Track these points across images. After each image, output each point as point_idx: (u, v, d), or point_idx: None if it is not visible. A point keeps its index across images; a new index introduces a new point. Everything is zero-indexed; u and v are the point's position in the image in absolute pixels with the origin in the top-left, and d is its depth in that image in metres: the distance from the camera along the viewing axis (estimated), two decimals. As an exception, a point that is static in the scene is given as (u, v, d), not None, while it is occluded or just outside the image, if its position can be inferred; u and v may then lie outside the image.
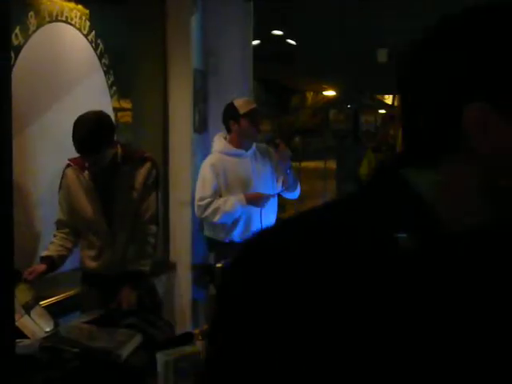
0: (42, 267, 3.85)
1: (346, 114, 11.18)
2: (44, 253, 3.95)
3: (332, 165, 9.78)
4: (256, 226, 4.94)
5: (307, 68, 13.93)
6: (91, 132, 3.73)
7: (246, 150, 5.03)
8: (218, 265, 3.91)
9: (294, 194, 5.29)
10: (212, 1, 5.94)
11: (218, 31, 5.95)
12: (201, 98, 5.83)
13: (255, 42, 6.58)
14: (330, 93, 17.65)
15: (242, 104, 5.01)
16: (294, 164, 6.50)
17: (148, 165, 4.04)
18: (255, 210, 4.93)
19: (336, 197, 9.84)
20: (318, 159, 9.58)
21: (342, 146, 10.90)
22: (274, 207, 5.14)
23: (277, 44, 12.02)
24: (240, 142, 5.01)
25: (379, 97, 15.72)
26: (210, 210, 4.89)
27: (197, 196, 4.97)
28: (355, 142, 11.03)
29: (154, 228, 4.05)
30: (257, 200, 4.91)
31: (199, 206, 4.93)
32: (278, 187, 5.14)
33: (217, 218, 4.89)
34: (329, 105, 16.02)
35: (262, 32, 8.80)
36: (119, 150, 3.94)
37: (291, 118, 13.89)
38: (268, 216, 5.06)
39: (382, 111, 16.15)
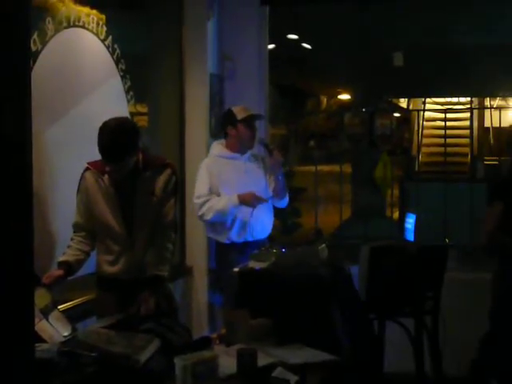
0: (60, 272, 3.85)
1: (361, 118, 11.14)
2: (61, 257, 3.95)
3: (347, 168, 9.75)
4: (251, 227, 5.08)
5: (322, 72, 13.91)
6: (116, 140, 3.73)
7: (242, 154, 5.19)
8: (235, 269, 3.91)
9: (282, 203, 5.37)
10: (228, 6, 5.96)
11: (233, 36, 5.96)
12: (217, 102, 5.85)
13: (270, 47, 6.58)
14: (344, 96, 17.62)
15: (239, 110, 5.18)
16: (309, 168, 6.50)
17: (168, 171, 4.04)
18: (249, 211, 5.03)
19: (352, 200, 9.81)
20: (333, 163, 9.55)
21: (358, 150, 10.87)
22: (269, 211, 5.24)
23: (292, 48, 12.01)
24: (236, 146, 5.18)
25: (394, 100, 15.67)
26: (204, 208, 5.03)
27: (195, 194, 5.11)
28: (370, 146, 10.99)
29: (172, 234, 4.05)
30: (249, 199, 5.02)
31: (196, 203, 5.08)
32: (270, 193, 5.22)
33: (210, 216, 5.03)
34: (344, 108, 15.99)
35: (277, 36, 8.80)
36: (140, 156, 3.94)
37: (306, 122, 13.87)
38: (263, 219, 5.16)
39: (397, 115, 16.11)
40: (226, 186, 5.07)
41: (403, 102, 16.21)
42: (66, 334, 3.30)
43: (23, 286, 1.82)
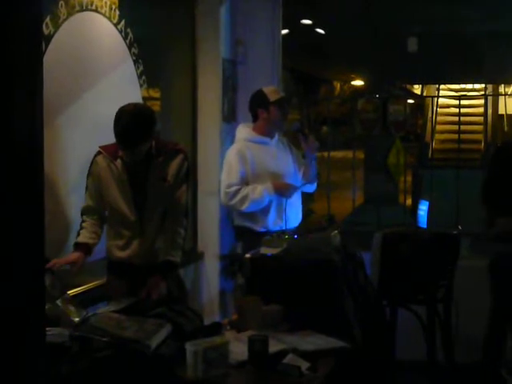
0: (80, 256, 3.84)
1: (374, 104, 11.09)
2: (78, 239, 3.93)
3: (360, 155, 9.72)
4: (286, 215, 4.92)
5: (335, 58, 13.86)
6: (134, 126, 3.74)
7: (271, 138, 5.05)
8: (247, 255, 3.90)
9: (311, 188, 5.27)
10: (241, -10, 5.92)
11: (246, 21, 5.93)
12: (229, 88, 5.82)
13: (284, 32, 6.54)
14: (358, 82, 17.56)
15: (271, 92, 5.03)
16: (322, 154, 6.48)
17: (180, 157, 4.03)
18: (282, 199, 4.91)
19: (364, 187, 9.79)
20: (346, 149, 9.54)
21: (371, 136, 10.83)
22: (299, 198, 5.14)
23: (305, 33, 11.96)
24: (267, 129, 5.02)
25: (408, 86, 15.61)
26: (238, 198, 4.88)
27: (223, 183, 4.96)
28: (383, 132, 10.94)
29: (184, 220, 4.05)
30: (284, 189, 4.92)
31: (227, 192, 4.92)
32: (300, 179, 5.13)
33: (244, 207, 4.89)
34: (357, 94, 15.94)
35: (290, 21, 8.76)
36: (153, 142, 3.93)
37: (319, 108, 13.84)
38: (296, 206, 5.06)
39: (411, 101, 16.04)
40: (259, 173, 4.92)
41: (417, 89, 16.15)
42: (77, 318, 3.31)
43: (35, 269, 1.82)
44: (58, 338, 2.96)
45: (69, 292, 3.70)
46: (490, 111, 13.94)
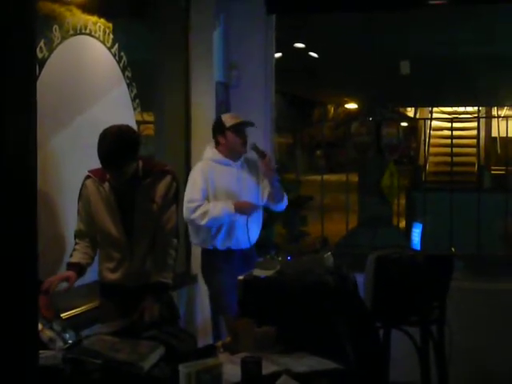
0: (72, 274, 3.84)
1: (367, 127, 11.12)
2: (71, 259, 3.95)
3: (354, 177, 9.74)
4: (239, 235, 5.06)
5: (329, 81, 13.91)
6: (115, 147, 3.75)
7: (235, 160, 5.14)
8: (239, 277, 3.90)
9: (279, 206, 5.32)
10: (234, 14, 5.97)
11: (239, 44, 5.98)
12: (223, 111, 5.85)
13: (277, 55, 6.59)
14: (351, 106, 17.64)
15: (228, 118, 5.14)
16: (315, 177, 6.49)
17: (168, 178, 4.04)
18: (240, 219, 5.01)
19: (358, 209, 9.81)
20: (340, 172, 9.56)
21: (364, 159, 10.85)
22: (258, 219, 5.23)
23: (299, 57, 12.01)
24: (228, 153, 5.12)
25: (401, 109, 15.68)
26: (198, 213, 4.95)
27: (186, 198, 5.01)
28: (377, 155, 10.96)
29: (174, 240, 4.06)
30: (245, 208, 5.01)
31: (188, 207, 4.98)
32: (264, 199, 5.21)
33: (204, 222, 4.96)
34: (350, 117, 15.99)
35: (283, 45, 8.80)
36: (140, 164, 3.95)
37: (313, 131, 13.88)
38: (252, 227, 5.13)
39: (404, 124, 16.10)
40: (219, 192, 5.04)
41: (410, 111, 16.21)
42: (70, 341, 3.30)
43: (28, 292, 1.82)
44: (51, 360, 2.96)
45: (62, 314, 3.70)
46: (482, 134, 14.00)
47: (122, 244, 3.98)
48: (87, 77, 4.46)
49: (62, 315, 3.67)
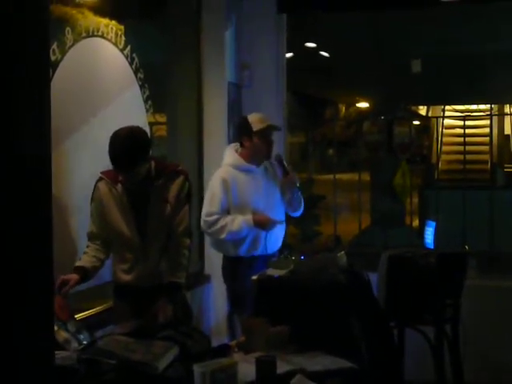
0: (75, 277, 3.85)
1: (379, 126, 11.10)
2: (77, 263, 3.97)
3: (366, 177, 9.73)
4: (262, 245, 4.88)
5: (340, 80, 13.90)
6: (126, 148, 3.76)
7: (257, 166, 4.95)
8: (254, 277, 3.91)
9: (297, 213, 5.19)
10: (245, 15, 5.98)
11: (251, 44, 5.98)
12: (235, 111, 5.86)
13: (288, 55, 6.59)
14: (363, 104, 17.59)
15: (255, 120, 4.91)
16: (327, 176, 6.49)
17: (181, 178, 4.05)
18: (260, 232, 4.86)
19: (371, 208, 9.81)
20: (351, 171, 9.54)
21: (376, 158, 10.84)
22: (281, 227, 5.06)
23: (310, 56, 12.01)
24: (252, 157, 4.93)
25: (413, 108, 15.63)
26: (216, 227, 4.81)
27: (204, 210, 4.89)
28: (389, 154, 10.95)
29: (187, 241, 4.06)
30: (264, 223, 4.83)
31: (206, 221, 4.85)
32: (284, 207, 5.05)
33: (223, 236, 4.82)
34: (362, 116, 15.97)
35: (295, 45, 8.81)
36: (153, 164, 3.96)
37: (325, 130, 13.86)
38: (273, 238, 4.98)
39: (416, 122, 16.05)
40: (239, 203, 4.84)
41: (422, 110, 16.16)
42: (85, 341, 3.32)
43: (43, 293, 1.83)
44: (66, 361, 2.97)
45: (77, 316, 3.72)
46: (495, 131, 13.93)
47: (135, 245, 4.00)
48: (100, 79, 4.48)
49: (76, 316, 3.69)
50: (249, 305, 4.54)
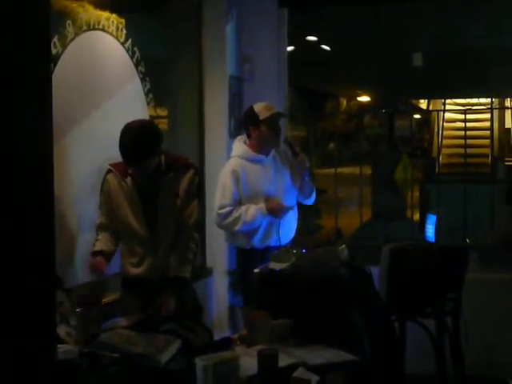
0: (101, 259, 3.85)
1: (380, 119, 11.10)
2: (95, 248, 3.95)
3: (367, 170, 9.74)
4: (275, 235, 4.86)
5: (341, 74, 13.89)
6: (137, 142, 3.75)
7: (266, 155, 4.94)
8: (256, 270, 3.91)
9: (309, 201, 5.15)
10: (246, 8, 5.97)
11: (252, 38, 5.97)
12: (236, 104, 5.86)
13: (289, 48, 6.58)
14: (364, 98, 17.58)
15: (261, 109, 4.90)
16: (328, 170, 6.48)
17: (191, 172, 4.04)
18: (272, 220, 4.85)
19: (372, 202, 9.82)
20: (353, 165, 9.55)
21: (377, 152, 10.84)
22: (294, 215, 5.04)
23: (311, 50, 12.00)
24: (260, 147, 4.91)
25: (414, 101, 15.61)
26: (230, 219, 4.81)
27: (216, 203, 4.87)
28: (390, 147, 10.95)
29: (196, 235, 4.06)
30: (277, 210, 4.82)
31: (219, 214, 4.84)
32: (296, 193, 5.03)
33: (237, 228, 4.82)
34: (363, 110, 15.95)
35: (296, 38, 8.81)
36: (163, 158, 3.95)
37: (326, 124, 13.86)
38: (289, 224, 4.98)
39: (417, 116, 16.04)
40: (251, 193, 4.83)
41: (423, 103, 16.14)
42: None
43: (45, 288, 1.83)
44: (68, 354, 2.98)
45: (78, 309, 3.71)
46: (496, 125, 13.93)
47: (144, 239, 3.99)
48: (101, 72, 4.47)
49: (77, 310, 3.69)
50: None
